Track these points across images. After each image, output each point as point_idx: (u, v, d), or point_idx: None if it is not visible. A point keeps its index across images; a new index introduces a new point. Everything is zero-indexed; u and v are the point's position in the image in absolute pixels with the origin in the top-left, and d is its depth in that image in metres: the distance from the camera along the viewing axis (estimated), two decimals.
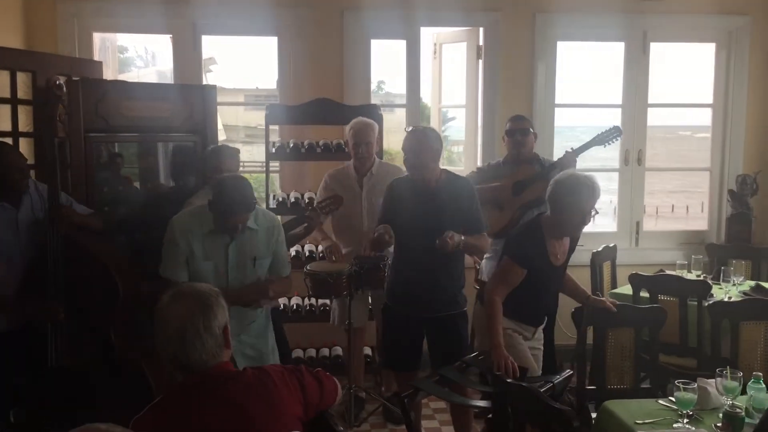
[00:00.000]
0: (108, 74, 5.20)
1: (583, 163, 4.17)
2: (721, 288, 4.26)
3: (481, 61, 5.33)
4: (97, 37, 5.11)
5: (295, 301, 4.76)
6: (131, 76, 10.89)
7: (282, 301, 4.59)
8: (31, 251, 3.41)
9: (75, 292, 3.37)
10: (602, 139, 4.18)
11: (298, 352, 4.84)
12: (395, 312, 3.65)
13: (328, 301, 4.65)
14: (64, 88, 3.51)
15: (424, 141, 3.44)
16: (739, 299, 3.99)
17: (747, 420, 2.39)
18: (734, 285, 4.26)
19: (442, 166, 3.59)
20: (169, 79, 5.54)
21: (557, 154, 4.35)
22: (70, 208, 3.53)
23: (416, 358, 3.63)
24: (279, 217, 3.70)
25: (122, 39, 6.31)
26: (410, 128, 3.63)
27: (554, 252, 3.34)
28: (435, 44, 5.62)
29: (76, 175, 3.87)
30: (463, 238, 3.38)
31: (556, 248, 3.35)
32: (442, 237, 3.30)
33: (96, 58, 4.99)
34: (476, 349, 3.58)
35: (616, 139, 4.23)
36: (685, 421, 2.58)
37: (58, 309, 3.30)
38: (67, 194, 3.65)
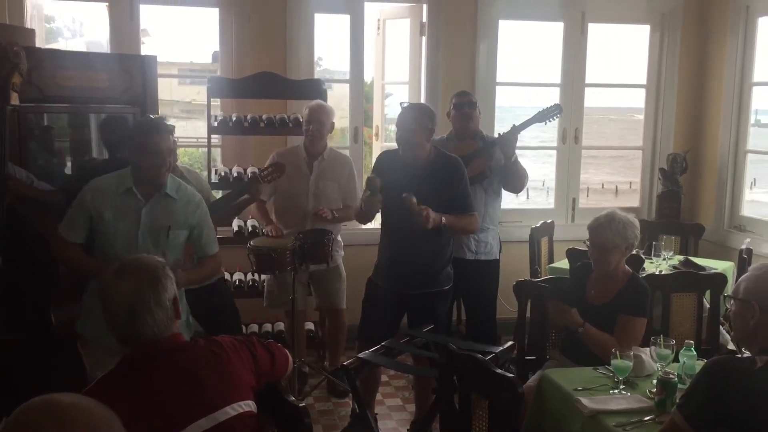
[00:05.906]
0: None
1: (522, 141, 4.23)
2: (652, 262, 4.42)
3: (424, 38, 5.34)
4: (28, 2, 4.89)
5: (238, 276, 4.72)
6: (59, 47, 10.48)
7: (225, 276, 4.54)
8: None
9: (15, 266, 3.27)
10: (543, 116, 4.23)
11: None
12: (377, 286, 3.62)
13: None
14: (22, 55, 3.32)
15: (414, 118, 3.41)
16: (670, 272, 4.16)
17: (680, 385, 2.50)
18: (664, 259, 4.43)
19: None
20: (99, 50, 5.36)
21: (498, 133, 4.40)
22: (19, 181, 3.42)
23: (391, 335, 3.43)
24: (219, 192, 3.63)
25: (49, 8, 6.03)
26: (405, 103, 3.59)
27: (592, 286, 3.30)
28: (379, 20, 5.60)
29: (9, 147, 3.73)
30: (443, 218, 3.31)
31: (595, 284, 3.30)
32: (419, 211, 3.23)
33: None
34: None
35: (557, 117, 4.30)
36: (622, 387, 2.69)
37: None
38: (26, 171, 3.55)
